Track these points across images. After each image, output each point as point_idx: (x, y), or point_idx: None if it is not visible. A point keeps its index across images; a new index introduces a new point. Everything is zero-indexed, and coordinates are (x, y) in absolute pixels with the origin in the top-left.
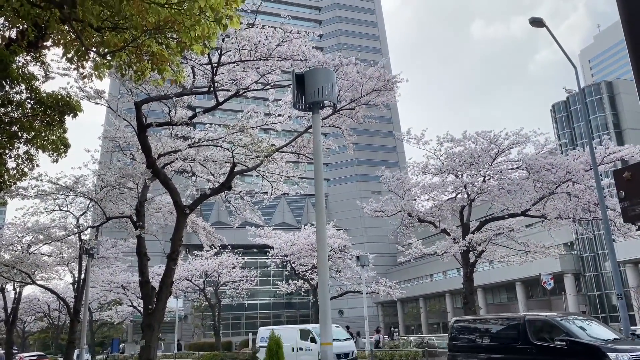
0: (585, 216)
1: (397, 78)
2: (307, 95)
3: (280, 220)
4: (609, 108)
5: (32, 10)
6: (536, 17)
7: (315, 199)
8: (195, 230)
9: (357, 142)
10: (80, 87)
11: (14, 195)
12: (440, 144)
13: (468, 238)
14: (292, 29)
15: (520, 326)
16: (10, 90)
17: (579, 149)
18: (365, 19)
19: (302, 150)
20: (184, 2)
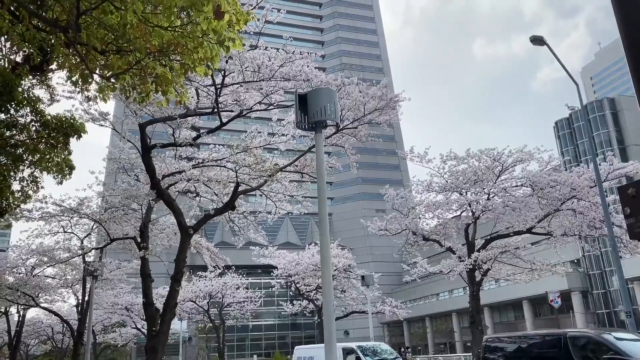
0: (591, 233)
1: (399, 97)
2: (309, 115)
3: (285, 240)
4: (612, 124)
5: (37, 35)
6: (537, 36)
7: (319, 218)
8: (199, 250)
9: (360, 161)
10: (85, 110)
11: (18, 217)
12: (443, 162)
13: (473, 256)
14: (295, 50)
15: (562, 344)
16: (15, 114)
17: (583, 166)
18: (367, 40)
19: (305, 169)
20: (187, 25)
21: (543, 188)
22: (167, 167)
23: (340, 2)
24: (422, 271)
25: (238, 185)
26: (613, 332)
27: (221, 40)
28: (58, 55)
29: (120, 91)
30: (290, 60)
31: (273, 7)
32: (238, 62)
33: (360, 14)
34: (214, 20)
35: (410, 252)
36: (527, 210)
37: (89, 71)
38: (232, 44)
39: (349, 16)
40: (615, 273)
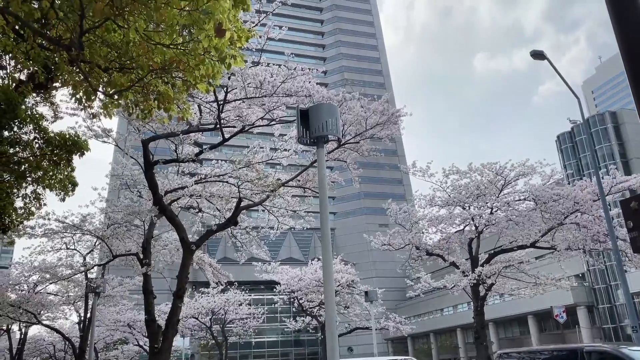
0: (596, 247)
1: (400, 112)
2: (311, 130)
3: (287, 256)
4: (614, 138)
5: (42, 53)
6: (537, 50)
7: (321, 233)
8: (201, 267)
9: (363, 176)
10: (88, 127)
11: (21, 234)
12: (446, 176)
13: (477, 271)
14: (297, 66)
15: (578, 359)
16: (18, 131)
17: (586, 179)
18: (368, 55)
19: (307, 184)
20: (188, 43)
21: (546, 202)
22: (170, 183)
23: (341, 19)
24: (426, 286)
25: (240, 200)
26: (630, 346)
27: (223, 57)
28: (62, 72)
29: (123, 108)
30: (292, 77)
31: (275, 25)
32: (240, 79)
33: (362, 30)
34: (215, 38)
35: (413, 267)
36: (531, 224)
37: (92, 88)
38: (233, 61)
39: (350, 32)
40: (620, 287)
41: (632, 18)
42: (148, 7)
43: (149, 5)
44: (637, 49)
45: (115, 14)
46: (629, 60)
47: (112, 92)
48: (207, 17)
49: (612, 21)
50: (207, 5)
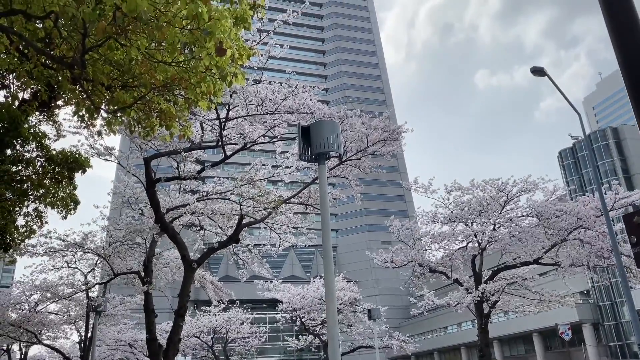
0: (600, 263)
1: (402, 128)
2: (312, 147)
3: (289, 273)
4: (616, 154)
5: (45, 72)
6: (537, 67)
7: (323, 250)
8: (203, 285)
9: (365, 192)
10: (90, 145)
11: (22, 253)
12: (448, 193)
13: (481, 288)
14: (298, 84)
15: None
16: (21, 149)
17: (589, 195)
18: (369, 73)
19: (309, 200)
20: (189, 61)
21: (549, 218)
22: (172, 201)
23: (342, 38)
24: (430, 304)
25: (242, 217)
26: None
27: (224, 75)
28: (65, 91)
29: (125, 126)
30: (294, 94)
31: (276, 43)
32: (242, 96)
33: (363, 49)
34: (216, 56)
35: (416, 285)
36: (534, 241)
37: (94, 106)
38: (234, 79)
39: (352, 51)
40: (626, 304)
41: (631, 34)
42: (150, 26)
43: (151, 24)
44: (637, 64)
45: (118, 33)
46: (629, 76)
47: (114, 110)
48: (209, 37)
49: (612, 37)
50: (208, 25)
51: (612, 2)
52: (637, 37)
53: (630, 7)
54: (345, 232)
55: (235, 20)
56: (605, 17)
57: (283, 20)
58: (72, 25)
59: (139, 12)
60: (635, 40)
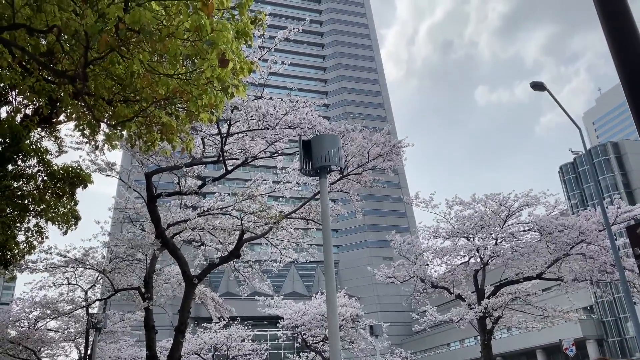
0: (603, 278)
1: (402, 143)
2: (314, 161)
3: (291, 290)
4: (617, 168)
5: (46, 86)
6: (537, 82)
7: (324, 264)
8: (203, 301)
9: (366, 208)
10: (92, 160)
11: (23, 269)
12: (449, 208)
13: (483, 303)
14: (299, 99)
15: None
16: (22, 164)
17: (591, 209)
18: (370, 89)
19: (310, 215)
20: (191, 73)
21: (551, 232)
22: (173, 216)
23: (343, 54)
24: (432, 320)
25: (243, 233)
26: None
27: (225, 87)
28: (66, 105)
29: (125, 140)
30: (295, 109)
31: (277, 60)
32: (243, 111)
33: (363, 65)
34: (218, 68)
35: (418, 300)
36: (536, 255)
37: (95, 120)
38: (236, 91)
39: (352, 67)
40: (630, 319)
41: (631, 48)
42: (153, 37)
43: (154, 36)
44: (638, 78)
45: (120, 46)
46: (630, 89)
47: (115, 123)
48: (211, 48)
49: (612, 51)
50: (211, 36)
51: (611, 16)
52: (637, 50)
53: (629, 20)
54: (346, 248)
55: (237, 34)
56: (605, 31)
57: (284, 36)
58: (75, 39)
59: (142, 23)
60: (636, 53)
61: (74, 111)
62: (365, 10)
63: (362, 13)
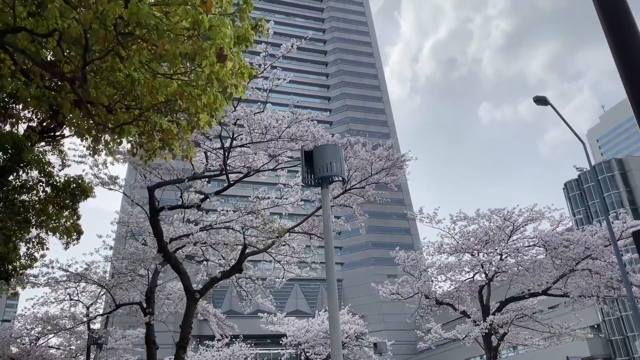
0: (610, 294)
1: (405, 156)
2: (315, 171)
3: (294, 308)
4: (622, 185)
5: (47, 93)
6: (540, 96)
7: (326, 275)
8: (206, 317)
9: (370, 225)
10: (95, 174)
11: (24, 283)
12: (453, 223)
13: (489, 319)
14: (301, 113)
15: None
16: (23, 175)
17: (596, 224)
18: (373, 107)
19: (313, 230)
20: (191, 73)
21: (556, 247)
22: (175, 231)
23: (345, 72)
24: (437, 337)
25: (245, 247)
26: None
27: (224, 86)
28: (67, 112)
29: (127, 150)
30: (297, 121)
31: (279, 75)
32: (246, 124)
33: (367, 83)
34: (217, 64)
35: (423, 317)
36: (542, 271)
37: (96, 124)
38: (235, 91)
39: (355, 84)
40: (638, 338)
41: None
42: (151, 35)
43: (152, 31)
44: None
45: (118, 43)
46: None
47: (114, 126)
48: (209, 43)
49: (618, 66)
50: (208, 31)
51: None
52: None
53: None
54: (350, 266)
55: (237, 39)
56: (611, 45)
57: (286, 50)
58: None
59: (140, 17)
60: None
61: (74, 117)
62: (368, 28)
63: (365, 32)
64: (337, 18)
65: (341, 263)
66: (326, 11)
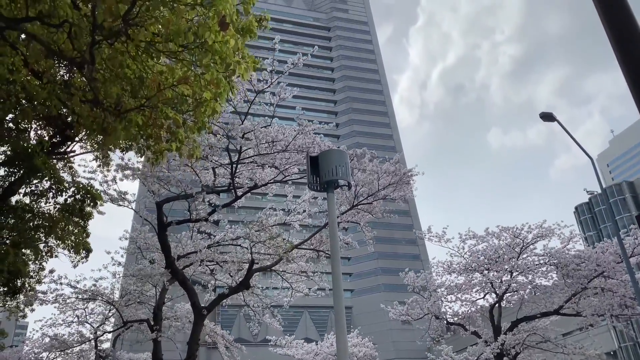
0: (624, 312)
1: (412, 171)
2: (321, 176)
3: (304, 335)
4: (633, 208)
5: (57, 88)
6: (546, 112)
7: (332, 282)
8: (214, 339)
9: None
10: (104, 190)
11: (33, 300)
12: (463, 242)
13: (500, 339)
14: (308, 123)
15: None
16: (37, 182)
17: (607, 241)
18: (381, 132)
19: (321, 246)
20: (194, 49)
21: (567, 265)
22: (183, 248)
23: (353, 99)
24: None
25: (253, 262)
26: None
27: (227, 64)
28: (75, 104)
29: (135, 152)
30: (303, 132)
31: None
32: (253, 136)
33: (374, 109)
34: (219, 34)
35: (433, 338)
36: (553, 289)
37: (103, 110)
38: (237, 67)
39: (363, 111)
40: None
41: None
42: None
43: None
44: None
45: (125, 21)
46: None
47: (122, 112)
48: (211, 12)
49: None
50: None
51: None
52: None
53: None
54: (360, 293)
55: (242, 30)
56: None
57: (293, 64)
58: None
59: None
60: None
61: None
62: (376, 56)
63: (373, 59)
64: (345, 46)
65: (351, 290)
66: (333, 40)
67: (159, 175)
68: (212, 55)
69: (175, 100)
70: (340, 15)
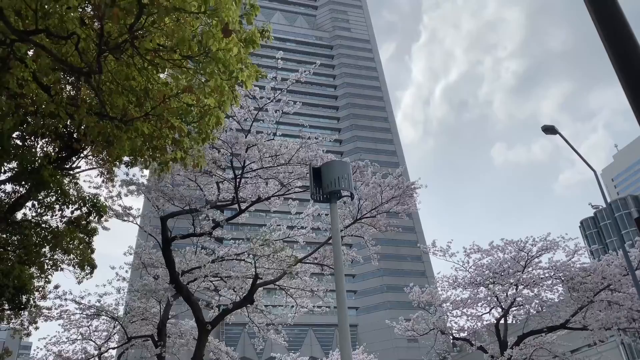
0: (631, 326)
1: (415, 184)
2: (324, 186)
3: (309, 354)
4: None
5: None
6: (548, 125)
7: (335, 287)
8: (218, 356)
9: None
10: (109, 206)
11: (38, 316)
12: (467, 256)
13: (507, 353)
14: (310, 136)
15: None
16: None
17: (612, 253)
18: (385, 149)
19: (325, 260)
20: (199, 55)
21: (573, 278)
22: (187, 263)
23: (357, 116)
24: None
25: (257, 277)
26: None
27: (230, 71)
28: (82, 114)
29: (140, 167)
30: (306, 145)
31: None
32: (257, 149)
33: (378, 126)
34: (223, 41)
35: (439, 354)
36: (559, 303)
37: (110, 118)
38: (240, 74)
39: (366, 128)
40: None
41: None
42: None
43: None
44: None
45: (131, 27)
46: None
47: (127, 120)
48: (215, 20)
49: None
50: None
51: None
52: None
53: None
54: (365, 310)
55: (245, 42)
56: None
57: (295, 79)
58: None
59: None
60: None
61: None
62: (378, 73)
63: (375, 76)
64: (347, 64)
65: (356, 307)
66: (336, 58)
67: (164, 189)
68: (216, 63)
69: (180, 111)
70: (342, 34)
